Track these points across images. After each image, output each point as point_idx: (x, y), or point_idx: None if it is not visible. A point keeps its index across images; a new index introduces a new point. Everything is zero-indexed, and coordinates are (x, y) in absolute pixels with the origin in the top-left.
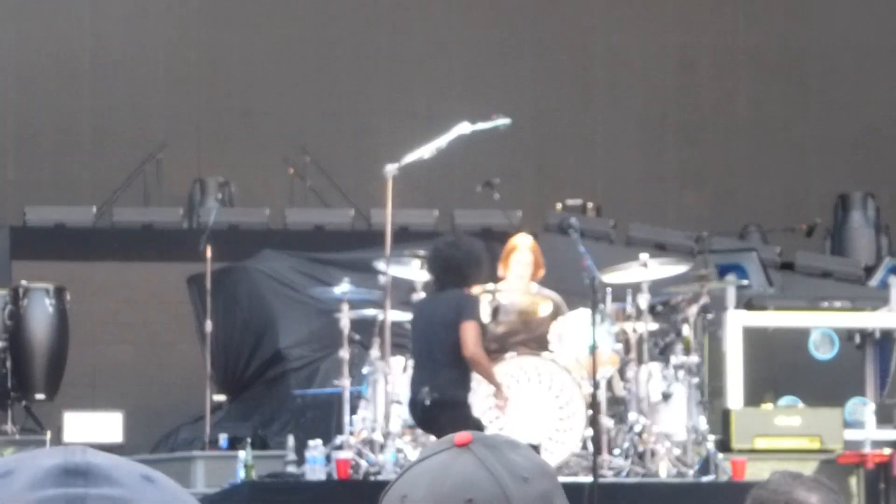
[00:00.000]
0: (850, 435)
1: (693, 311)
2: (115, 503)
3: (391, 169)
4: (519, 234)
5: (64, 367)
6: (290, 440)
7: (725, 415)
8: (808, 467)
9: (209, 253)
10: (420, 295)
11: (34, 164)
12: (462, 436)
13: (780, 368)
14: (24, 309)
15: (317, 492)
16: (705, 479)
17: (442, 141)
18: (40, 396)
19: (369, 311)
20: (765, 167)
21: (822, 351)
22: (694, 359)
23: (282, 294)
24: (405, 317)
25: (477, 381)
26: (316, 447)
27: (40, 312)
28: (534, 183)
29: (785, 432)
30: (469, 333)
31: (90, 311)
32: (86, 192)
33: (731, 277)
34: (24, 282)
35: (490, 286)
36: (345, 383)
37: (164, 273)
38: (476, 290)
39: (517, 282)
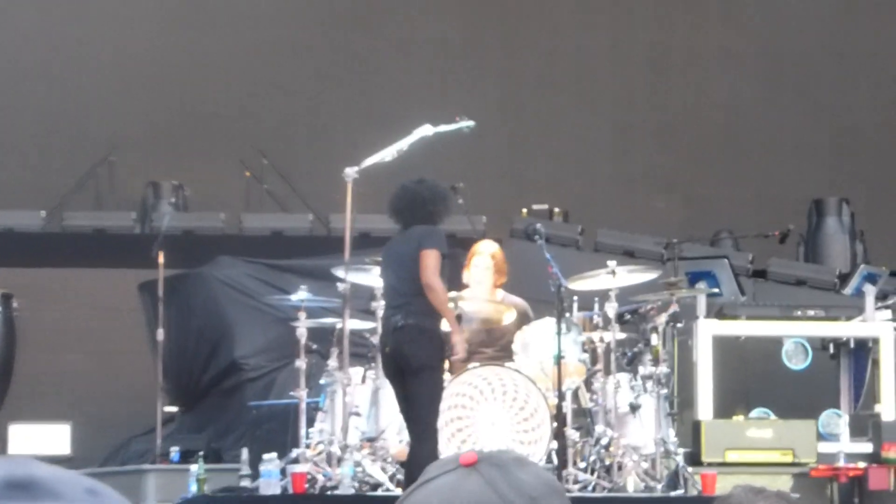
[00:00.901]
0: (824, 448)
1: (662, 319)
2: None
3: (351, 172)
4: (482, 240)
5: (10, 377)
6: (245, 453)
7: (695, 427)
8: (781, 481)
9: (162, 259)
10: (380, 303)
11: None
12: (468, 456)
13: (752, 379)
14: None
15: None
16: (674, 493)
17: (403, 143)
18: None
19: (328, 320)
20: (737, 171)
21: (795, 361)
22: (663, 369)
23: (238, 302)
24: (364, 325)
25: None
26: (271, 460)
27: None
28: (499, 187)
29: (757, 445)
30: (428, 260)
31: (38, 318)
32: (34, 196)
33: (701, 285)
34: None
35: (452, 294)
36: (302, 394)
37: (115, 279)
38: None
39: (480, 288)
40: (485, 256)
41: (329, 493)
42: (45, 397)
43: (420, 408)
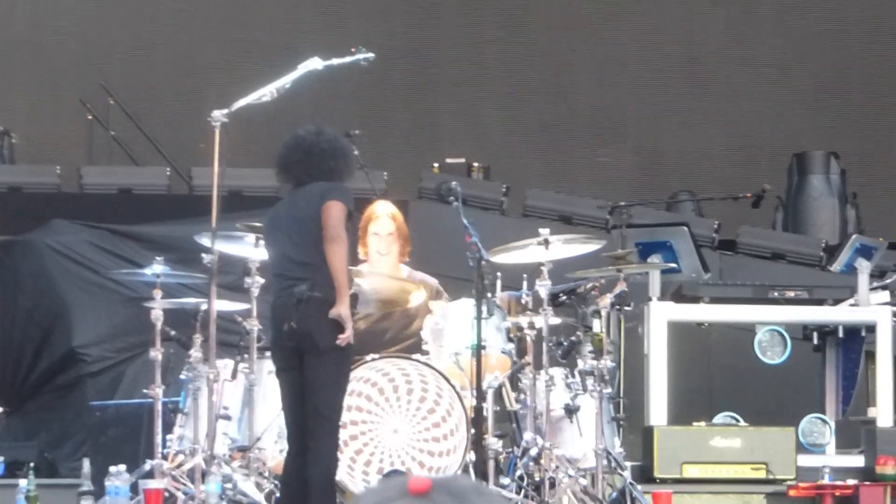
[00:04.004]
0: (805, 461)
1: (606, 301)
2: None
3: (219, 116)
4: (379, 201)
5: None
6: (86, 465)
7: (646, 435)
8: (752, 502)
9: None
10: (256, 279)
11: None
12: (419, 482)
13: (718, 376)
14: None
15: None
16: None
17: (286, 81)
18: None
19: (189, 300)
20: (700, 117)
21: (771, 354)
22: (607, 363)
23: (77, 276)
24: (236, 307)
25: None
26: (119, 474)
27: None
28: (405, 137)
29: (722, 458)
30: (333, 210)
31: None
32: None
33: (655, 259)
34: None
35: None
36: (157, 392)
37: None
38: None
39: (382, 262)
40: (384, 220)
41: None
42: None
43: (322, 398)
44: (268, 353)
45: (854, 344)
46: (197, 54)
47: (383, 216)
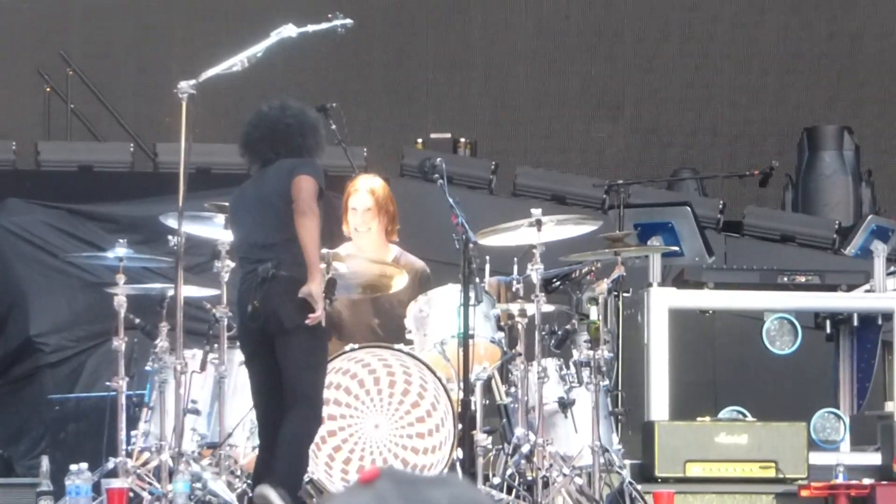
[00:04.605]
0: (818, 459)
1: (603, 287)
2: None
3: (186, 87)
4: (362, 174)
5: None
6: (45, 463)
7: (647, 431)
8: (761, 503)
9: None
10: (226, 263)
11: None
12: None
13: (723, 368)
14: None
15: None
16: None
17: (258, 49)
18: None
19: (155, 286)
20: (702, 90)
21: (780, 344)
22: (604, 354)
23: (33, 260)
24: (204, 293)
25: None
26: (80, 473)
27: None
28: (386, 110)
29: (728, 455)
30: (303, 183)
31: None
32: None
33: (655, 242)
34: None
35: (322, 250)
36: (120, 385)
37: None
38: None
39: (364, 240)
40: (362, 194)
41: None
42: None
43: (297, 378)
44: (238, 343)
45: (869, 333)
46: (162, 21)
47: (362, 190)
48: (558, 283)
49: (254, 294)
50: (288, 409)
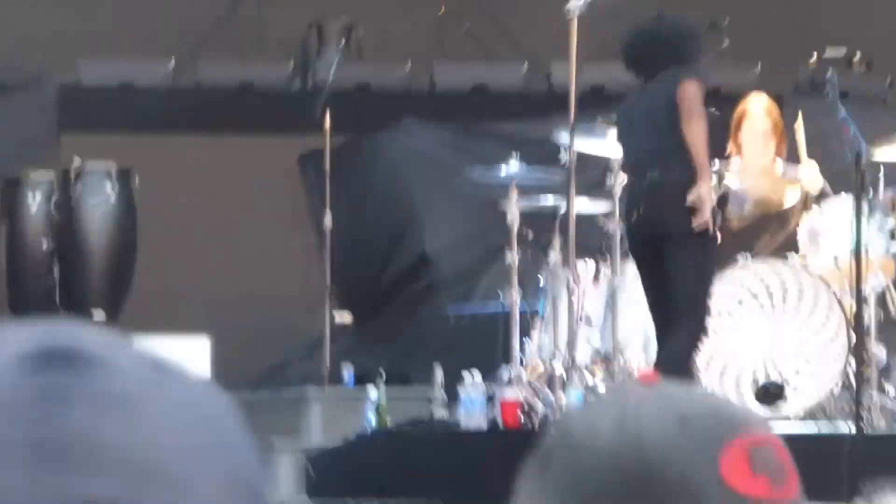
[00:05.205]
0: None
1: None
2: (109, 401)
3: (575, 6)
4: (752, 94)
5: (130, 277)
6: (439, 374)
7: None
8: None
9: (328, 122)
10: (620, 176)
11: (90, 3)
12: (647, 374)
13: None
14: (76, 198)
15: (475, 446)
16: None
17: None
18: (99, 315)
19: (547, 201)
20: None
21: None
22: None
23: (428, 178)
24: (597, 208)
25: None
26: (473, 384)
27: (99, 202)
28: (779, 27)
29: None
30: (688, 88)
31: (166, 201)
32: (161, 43)
33: None
34: (76, 160)
35: (715, 165)
36: (514, 298)
37: (266, 150)
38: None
39: (754, 159)
40: (761, 117)
41: None
42: (178, 302)
43: (681, 288)
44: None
45: None
46: None
47: (759, 113)
48: None
49: (640, 201)
50: (674, 320)
